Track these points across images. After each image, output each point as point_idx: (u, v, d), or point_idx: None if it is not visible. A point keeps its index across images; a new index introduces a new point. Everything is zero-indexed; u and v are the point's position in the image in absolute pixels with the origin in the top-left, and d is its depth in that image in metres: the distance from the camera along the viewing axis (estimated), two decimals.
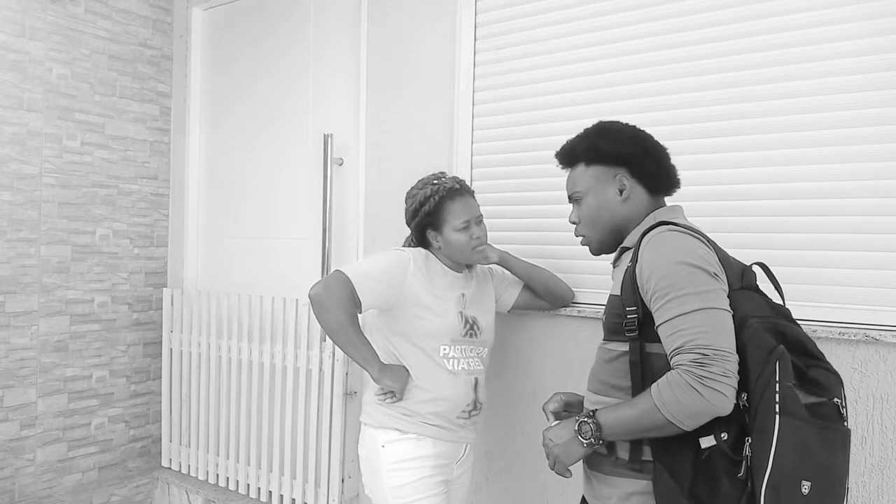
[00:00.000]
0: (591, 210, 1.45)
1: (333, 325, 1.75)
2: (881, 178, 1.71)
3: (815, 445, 1.12)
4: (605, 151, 1.43)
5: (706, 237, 1.30)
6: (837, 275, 1.75)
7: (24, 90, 2.84)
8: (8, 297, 2.81)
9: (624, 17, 2.09)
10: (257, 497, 2.93)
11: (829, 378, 1.21)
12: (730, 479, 1.14)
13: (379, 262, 1.83)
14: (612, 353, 1.35)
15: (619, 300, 1.32)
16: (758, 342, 1.16)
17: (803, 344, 1.22)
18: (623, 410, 1.27)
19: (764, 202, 1.86)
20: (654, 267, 1.24)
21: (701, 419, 1.16)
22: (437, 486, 1.83)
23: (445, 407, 1.83)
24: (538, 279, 2.04)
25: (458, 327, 1.85)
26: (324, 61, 2.89)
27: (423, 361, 1.83)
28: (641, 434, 1.26)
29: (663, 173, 1.42)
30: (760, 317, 1.20)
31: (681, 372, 1.16)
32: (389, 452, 1.81)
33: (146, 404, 3.30)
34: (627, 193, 1.41)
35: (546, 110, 2.24)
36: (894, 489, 1.66)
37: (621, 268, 1.36)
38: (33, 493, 2.90)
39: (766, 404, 1.11)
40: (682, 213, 1.42)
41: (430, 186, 1.87)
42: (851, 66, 1.74)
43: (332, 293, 1.73)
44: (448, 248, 1.88)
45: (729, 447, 1.15)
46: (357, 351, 1.78)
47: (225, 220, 3.26)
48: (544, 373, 2.20)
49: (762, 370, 1.13)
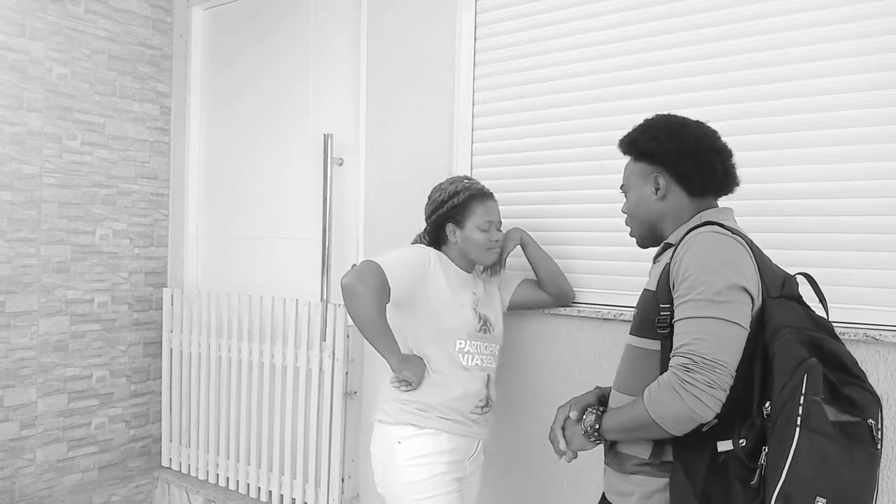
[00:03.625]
0: (631, 205, 1.47)
1: (363, 315, 1.76)
2: (881, 178, 1.71)
3: (838, 463, 1.08)
4: (642, 149, 1.43)
5: (750, 242, 1.28)
6: (837, 275, 1.75)
7: (24, 90, 2.84)
8: (8, 297, 2.81)
9: (624, 17, 2.09)
10: (257, 497, 2.93)
11: (866, 397, 1.17)
12: (742, 485, 1.13)
13: (406, 255, 1.87)
14: (641, 350, 1.33)
15: (653, 296, 1.31)
16: (788, 352, 1.13)
17: (840, 359, 1.19)
18: (622, 408, 1.28)
19: (763, 202, 1.86)
20: (686, 265, 1.23)
21: (683, 424, 1.16)
22: (452, 483, 1.85)
23: (460, 402, 1.85)
24: (546, 266, 2.06)
25: (474, 322, 1.89)
26: (324, 61, 2.89)
27: (439, 356, 1.85)
28: (633, 433, 1.26)
29: (709, 175, 1.38)
30: (795, 328, 1.17)
31: (669, 374, 1.17)
32: (406, 448, 1.83)
33: (146, 404, 3.30)
34: (663, 192, 1.40)
35: (546, 110, 2.24)
36: (894, 489, 1.66)
37: (661, 264, 1.34)
38: (33, 493, 2.90)
39: (788, 416, 1.09)
40: (731, 215, 1.39)
41: (462, 183, 1.95)
42: (852, 66, 1.74)
43: (365, 282, 1.73)
44: (465, 244, 1.92)
45: (746, 454, 1.13)
46: (382, 341, 1.80)
47: (225, 220, 3.26)
48: (544, 373, 2.20)
49: (788, 380, 1.10)
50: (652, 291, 1.32)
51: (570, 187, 2.18)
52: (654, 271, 1.38)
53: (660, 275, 1.30)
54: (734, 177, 1.41)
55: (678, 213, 1.39)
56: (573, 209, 2.17)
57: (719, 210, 1.39)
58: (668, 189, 1.39)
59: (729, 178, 1.40)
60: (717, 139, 1.41)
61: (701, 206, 1.39)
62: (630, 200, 1.47)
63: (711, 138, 1.40)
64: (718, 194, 1.42)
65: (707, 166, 1.37)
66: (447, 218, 1.92)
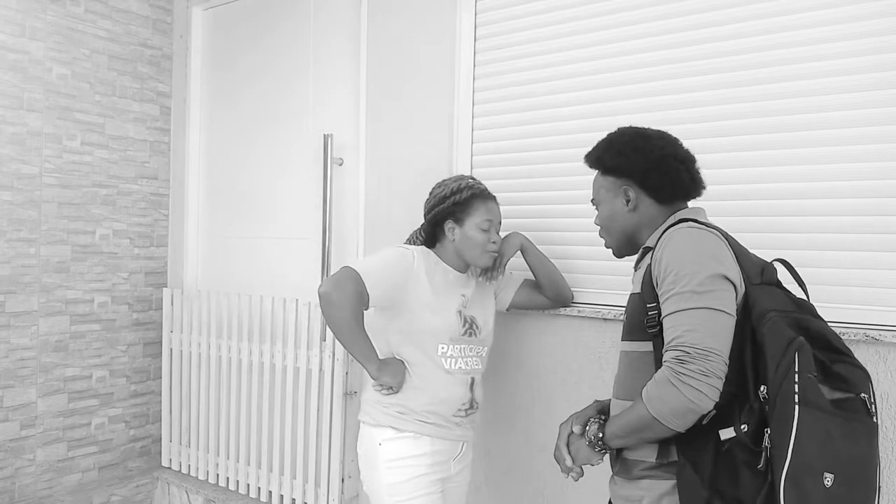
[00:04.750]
0: (604, 218, 1.51)
1: (339, 322, 1.75)
2: (881, 178, 1.71)
3: (839, 437, 1.10)
4: (609, 165, 1.47)
5: (725, 234, 1.31)
6: (837, 275, 1.75)
7: (24, 90, 2.84)
8: (8, 297, 2.81)
9: (624, 17, 2.09)
10: (257, 497, 2.93)
11: (856, 373, 1.20)
12: (750, 470, 1.14)
13: (386, 259, 1.84)
14: (634, 354, 1.35)
15: (639, 298, 1.33)
16: (777, 334, 1.15)
17: (827, 338, 1.22)
18: (624, 412, 1.29)
19: (763, 202, 1.86)
20: (666, 262, 1.26)
21: (684, 417, 1.17)
22: (433, 485, 1.84)
23: (441, 406, 1.83)
24: (546, 271, 2.05)
25: (458, 326, 1.86)
26: (324, 61, 2.89)
27: (421, 360, 1.83)
28: (637, 436, 1.27)
29: (676, 184, 1.42)
30: (781, 311, 1.19)
31: (664, 369, 1.19)
32: (386, 450, 1.82)
33: (146, 404, 3.30)
34: (634, 203, 1.44)
35: (546, 110, 2.24)
36: (894, 489, 1.66)
37: (643, 268, 1.37)
38: (33, 493, 2.90)
39: (785, 395, 1.10)
40: (703, 214, 1.43)
41: (465, 181, 1.94)
42: (851, 66, 1.74)
43: (342, 289, 1.73)
44: (463, 243, 1.89)
45: (749, 439, 1.14)
46: (359, 349, 1.79)
47: (225, 220, 3.26)
48: (544, 373, 2.20)
49: (780, 361, 1.12)
50: (638, 294, 1.34)
51: (570, 187, 2.18)
52: (636, 277, 1.40)
53: (643, 277, 1.33)
54: (699, 181, 1.47)
55: (652, 221, 1.43)
56: (573, 209, 2.17)
57: (691, 209, 1.44)
58: (638, 200, 1.44)
59: (695, 183, 1.46)
60: (680, 147, 1.46)
61: (671, 211, 1.43)
62: (602, 214, 1.51)
63: (674, 147, 1.45)
64: (687, 199, 1.47)
65: (673, 175, 1.42)
66: (448, 214, 1.89)
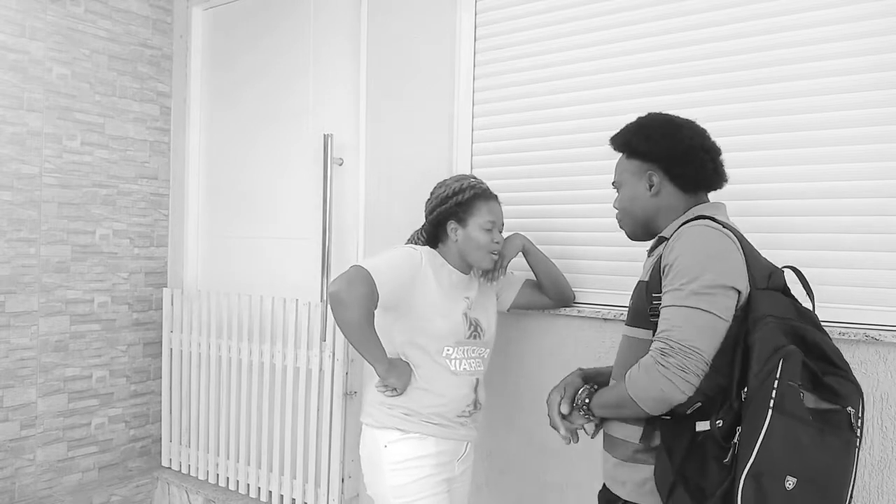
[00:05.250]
0: (625, 200, 1.51)
1: (350, 323, 1.72)
2: (881, 178, 1.71)
3: (810, 445, 1.14)
4: (636, 148, 1.47)
5: (739, 235, 1.32)
6: (837, 275, 1.75)
7: (24, 90, 2.84)
8: (8, 297, 2.81)
9: (624, 17, 2.09)
10: (257, 497, 2.93)
11: (847, 387, 1.22)
12: (717, 463, 1.17)
13: (395, 258, 1.81)
14: (634, 340, 1.38)
15: (645, 287, 1.36)
16: (767, 339, 1.17)
17: (823, 350, 1.24)
18: (611, 387, 1.39)
19: (762, 202, 1.86)
20: (675, 256, 1.28)
21: (655, 403, 1.23)
22: (439, 486, 1.83)
23: (446, 407, 1.83)
24: (548, 272, 2.05)
25: (463, 329, 1.85)
26: (324, 61, 2.89)
27: (426, 362, 1.83)
28: (616, 411, 1.34)
29: (700, 174, 1.44)
30: (779, 317, 1.21)
31: (648, 356, 1.24)
32: (392, 452, 1.81)
33: (146, 404, 3.30)
34: (657, 189, 1.44)
35: (546, 110, 2.24)
36: (894, 489, 1.66)
37: (654, 256, 1.39)
38: (33, 493, 2.90)
39: (761, 399, 1.13)
40: (724, 210, 1.45)
41: (468, 181, 1.91)
42: (851, 66, 1.74)
43: (353, 290, 1.70)
44: (465, 244, 1.87)
45: (721, 435, 1.17)
46: (369, 349, 1.78)
47: (225, 220, 3.26)
48: (545, 373, 2.20)
49: (764, 365, 1.15)
50: (645, 282, 1.38)
51: (570, 187, 2.18)
52: (647, 263, 1.43)
53: (652, 266, 1.35)
54: (723, 174, 1.48)
55: (672, 209, 1.44)
56: (573, 209, 2.17)
57: (711, 205, 1.45)
58: (661, 186, 1.44)
59: (718, 175, 1.47)
60: (707, 138, 1.47)
61: (693, 201, 1.44)
62: (623, 196, 1.51)
63: (702, 138, 1.46)
64: (709, 190, 1.48)
65: (698, 165, 1.43)
66: (450, 215, 1.87)
